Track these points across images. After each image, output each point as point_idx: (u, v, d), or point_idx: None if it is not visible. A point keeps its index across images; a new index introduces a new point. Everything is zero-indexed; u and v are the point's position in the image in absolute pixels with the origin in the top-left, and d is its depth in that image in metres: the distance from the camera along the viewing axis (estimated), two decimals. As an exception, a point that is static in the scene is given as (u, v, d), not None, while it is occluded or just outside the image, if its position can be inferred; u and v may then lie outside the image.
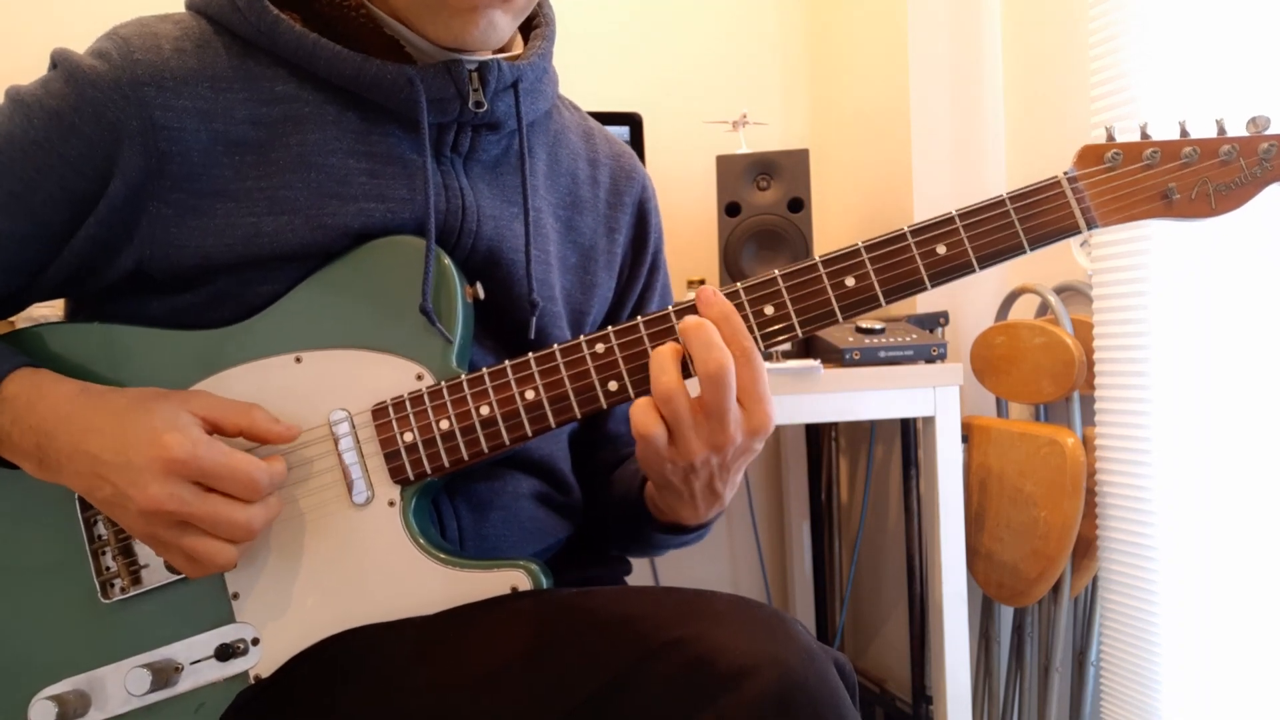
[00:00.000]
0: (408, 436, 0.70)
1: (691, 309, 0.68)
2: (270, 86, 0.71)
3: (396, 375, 0.71)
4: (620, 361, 0.69)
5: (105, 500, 0.65)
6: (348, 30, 0.72)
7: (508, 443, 0.70)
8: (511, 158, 0.80)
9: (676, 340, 0.68)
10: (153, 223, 0.69)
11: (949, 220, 0.69)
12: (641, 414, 0.66)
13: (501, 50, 0.81)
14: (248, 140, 0.70)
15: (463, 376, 0.70)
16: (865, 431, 1.88)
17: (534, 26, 0.82)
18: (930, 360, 1.37)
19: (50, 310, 1.18)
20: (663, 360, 0.66)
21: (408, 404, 0.70)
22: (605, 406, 0.69)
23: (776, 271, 0.69)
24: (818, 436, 1.95)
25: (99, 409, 0.66)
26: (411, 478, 0.70)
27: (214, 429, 0.66)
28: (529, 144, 0.80)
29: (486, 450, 0.70)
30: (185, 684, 0.69)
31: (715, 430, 0.66)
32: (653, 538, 0.83)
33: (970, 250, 0.69)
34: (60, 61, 0.69)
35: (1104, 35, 1.34)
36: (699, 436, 0.66)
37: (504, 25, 0.72)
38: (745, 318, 0.69)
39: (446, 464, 0.70)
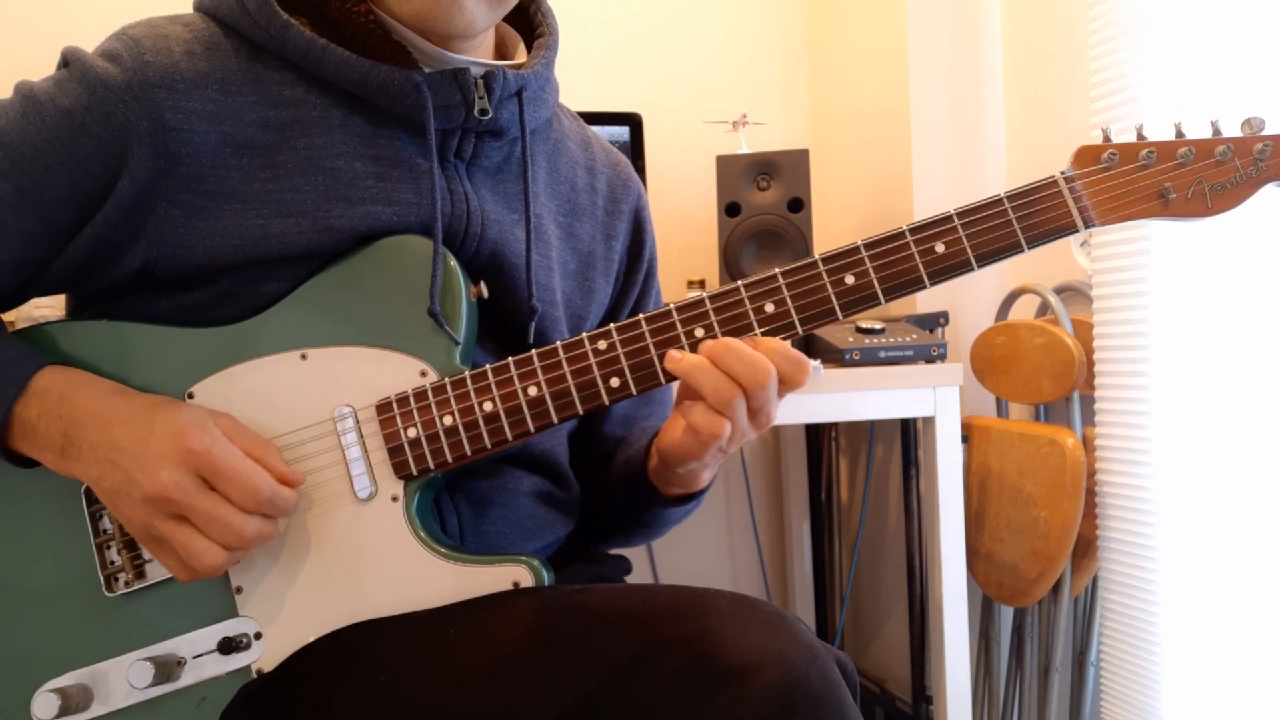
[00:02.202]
0: (411, 432, 0.70)
1: (693, 307, 0.69)
2: (279, 90, 0.72)
3: (401, 372, 0.71)
4: (622, 358, 0.70)
5: (112, 488, 0.65)
6: (356, 35, 0.73)
7: (510, 438, 0.70)
8: (513, 164, 0.81)
9: (682, 345, 0.69)
10: (160, 223, 0.70)
11: (947, 219, 0.70)
12: (709, 420, 0.68)
13: (503, 58, 0.82)
14: (255, 143, 0.71)
15: (466, 373, 0.71)
16: (865, 431, 1.89)
17: (537, 35, 0.83)
18: (930, 360, 1.37)
19: (50, 310, 1.19)
20: (710, 373, 0.67)
21: (411, 399, 0.70)
22: (607, 403, 0.70)
23: (777, 270, 0.70)
24: (818, 436, 1.95)
25: (130, 404, 0.67)
26: (415, 473, 0.70)
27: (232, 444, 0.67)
28: (530, 151, 0.81)
29: (490, 446, 0.70)
30: (188, 678, 0.69)
31: (763, 419, 0.70)
32: (661, 514, 0.85)
33: (969, 249, 0.69)
34: (73, 61, 0.70)
35: (1104, 35, 1.35)
36: (750, 423, 0.69)
37: (473, 9, 0.71)
38: (744, 314, 0.69)
39: (450, 459, 0.70)
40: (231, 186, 0.70)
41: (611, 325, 0.70)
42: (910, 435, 1.58)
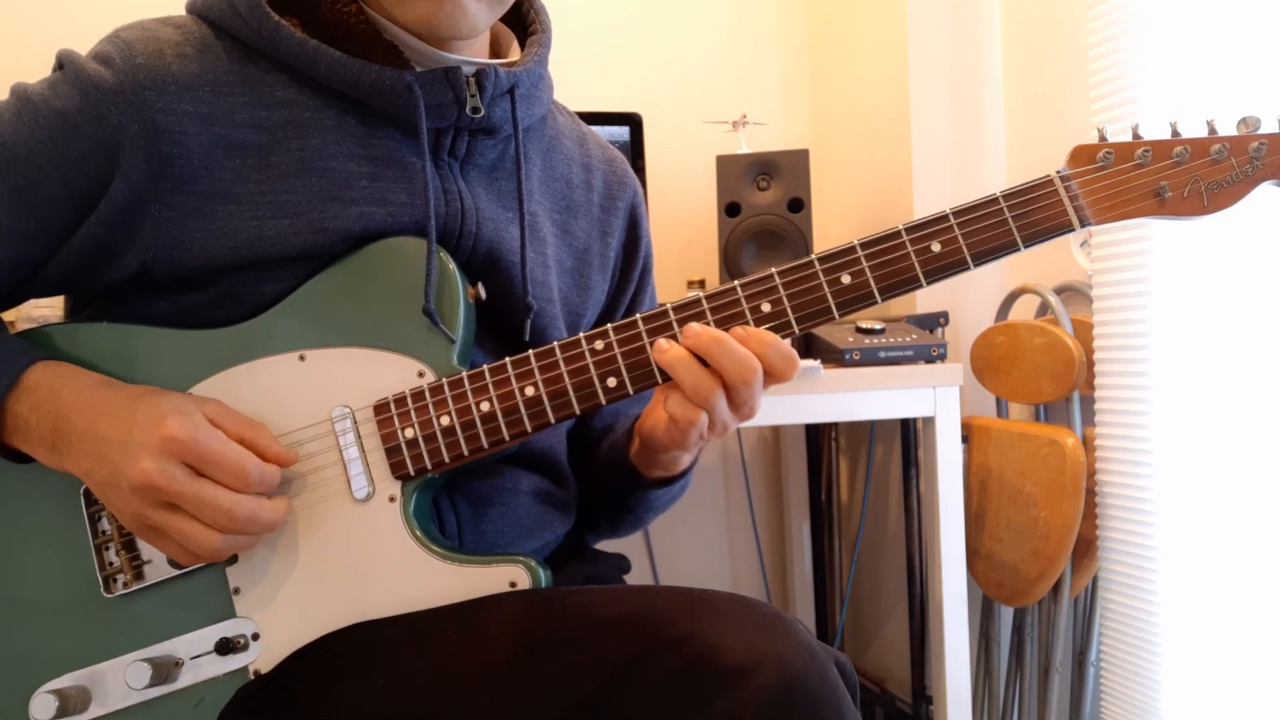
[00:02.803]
0: (408, 432, 0.70)
1: (690, 306, 0.69)
2: (271, 91, 0.72)
3: (399, 373, 0.71)
4: (619, 358, 0.70)
5: (103, 481, 0.65)
6: (347, 36, 0.73)
7: (508, 438, 0.70)
8: (507, 162, 0.81)
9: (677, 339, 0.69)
10: (156, 226, 0.70)
11: (943, 218, 0.70)
12: (684, 410, 0.68)
13: (497, 56, 0.82)
14: (248, 143, 0.71)
15: (463, 373, 0.71)
16: (865, 431, 1.88)
17: (530, 33, 0.83)
18: (930, 360, 1.37)
19: (50, 311, 1.19)
20: (692, 369, 0.67)
21: (409, 400, 0.70)
22: (604, 403, 0.70)
23: (773, 269, 0.70)
24: (818, 436, 1.95)
25: (115, 396, 0.67)
26: (412, 473, 0.70)
27: (217, 428, 0.67)
28: (524, 149, 0.81)
29: (487, 446, 0.70)
30: (185, 679, 0.69)
31: (746, 412, 0.70)
32: (644, 498, 0.86)
33: (964, 247, 0.69)
34: (66, 63, 0.70)
35: (1104, 35, 1.34)
36: (732, 414, 0.70)
37: (475, 11, 0.72)
38: (741, 314, 0.69)
39: (447, 459, 0.70)
40: (225, 188, 0.70)
41: (609, 325, 0.70)
42: (910, 435, 1.58)
